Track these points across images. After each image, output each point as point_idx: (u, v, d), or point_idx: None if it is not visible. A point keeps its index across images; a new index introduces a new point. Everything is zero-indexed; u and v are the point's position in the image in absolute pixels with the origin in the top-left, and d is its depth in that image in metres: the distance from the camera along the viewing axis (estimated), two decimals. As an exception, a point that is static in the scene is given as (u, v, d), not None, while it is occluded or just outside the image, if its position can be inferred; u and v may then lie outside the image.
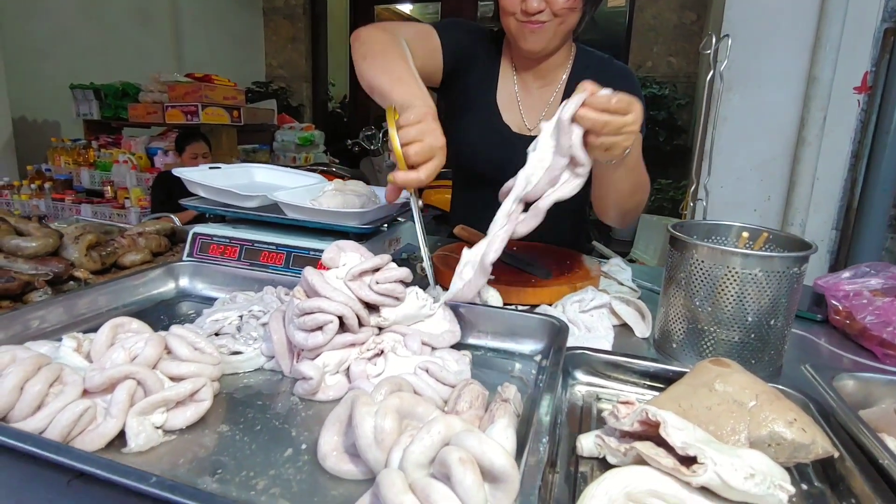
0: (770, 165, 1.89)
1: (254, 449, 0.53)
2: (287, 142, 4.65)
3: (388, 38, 0.94)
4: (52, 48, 3.98)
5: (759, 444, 0.51)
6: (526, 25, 0.99)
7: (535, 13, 0.96)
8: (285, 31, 5.94)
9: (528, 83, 1.15)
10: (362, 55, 0.92)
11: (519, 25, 1.00)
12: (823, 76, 1.72)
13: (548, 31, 0.99)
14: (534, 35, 1.00)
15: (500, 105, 1.16)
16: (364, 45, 0.94)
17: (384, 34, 0.96)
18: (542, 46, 1.02)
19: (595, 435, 0.55)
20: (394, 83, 0.84)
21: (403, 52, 0.93)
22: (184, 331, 0.62)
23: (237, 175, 1.16)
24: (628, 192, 0.94)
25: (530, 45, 1.02)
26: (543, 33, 0.99)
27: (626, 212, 1.02)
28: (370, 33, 0.96)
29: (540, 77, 1.13)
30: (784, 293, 0.69)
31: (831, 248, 1.88)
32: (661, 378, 0.67)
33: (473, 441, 0.42)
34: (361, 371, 0.63)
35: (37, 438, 0.47)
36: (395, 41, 0.95)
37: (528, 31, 0.99)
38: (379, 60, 0.89)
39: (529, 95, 1.15)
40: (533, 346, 0.76)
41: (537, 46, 1.02)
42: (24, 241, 0.87)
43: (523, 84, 1.15)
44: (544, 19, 0.98)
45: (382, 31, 0.97)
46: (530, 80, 1.14)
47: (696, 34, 4.47)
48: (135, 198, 3.50)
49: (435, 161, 0.73)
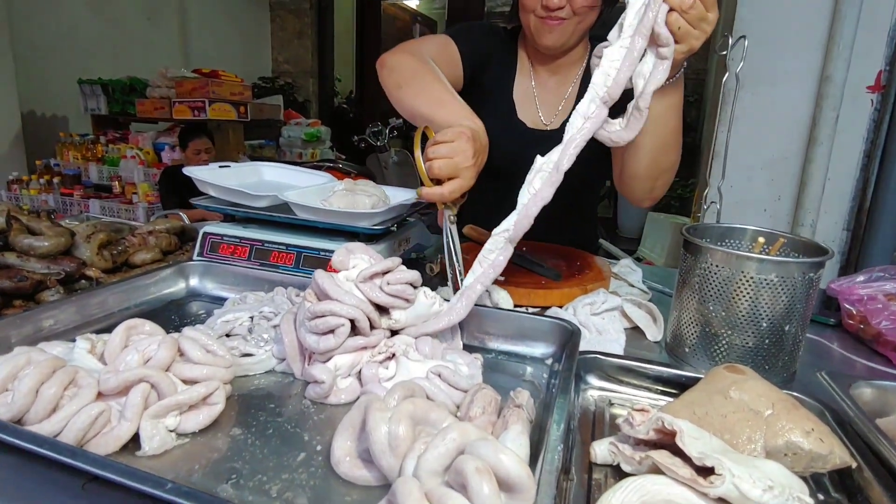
0: (781, 165, 1.87)
1: (266, 453, 0.53)
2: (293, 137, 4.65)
3: (417, 62, 0.94)
4: (61, 44, 3.99)
5: (776, 453, 0.51)
6: (545, 22, 0.99)
7: (555, 9, 0.96)
8: (291, 26, 5.93)
9: (545, 79, 1.15)
10: (396, 84, 0.92)
11: (538, 22, 1.00)
12: (837, 75, 1.69)
13: (567, 29, 1.00)
14: (552, 32, 1.00)
15: (517, 100, 1.16)
16: (395, 73, 0.94)
17: (412, 58, 0.95)
18: (562, 43, 1.02)
19: (609, 442, 0.54)
20: (435, 107, 0.86)
21: (436, 73, 0.93)
22: (196, 333, 0.62)
23: (247, 174, 1.16)
24: (669, 141, 0.88)
25: (549, 42, 1.02)
26: (563, 30, 1.00)
27: (659, 173, 0.94)
28: (398, 59, 0.96)
29: (556, 73, 1.14)
30: (799, 299, 0.69)
31: (842, 249, 1.86)
32: (674, 383, 0.67)
33: (489, 450, 0.42)
34: (373, 374, 0.63)
35: (52, 442, 0.47)
36: (424, 63, 0.95)
37: (548, 28, 0.99)
38: (415, 87, 0.90)
39: (546, 91, 1.16)
40: (544, 350, 0.76)
41: (556, 43, 1.02)
42: (36, 241, 0.87)
43: (539, 80, 1.16)
44: (564, 16, 0.98)
45: (409, 55, 0.97)
46: (546, 75, 1.15)
47: (705, 31, 4.42)
48: (142, 193, 3.52)
49: (459, 180, 0.74)
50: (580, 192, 1.24)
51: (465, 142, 0.75)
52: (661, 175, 0.95)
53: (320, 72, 6.09)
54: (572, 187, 0.81)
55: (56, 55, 3.96)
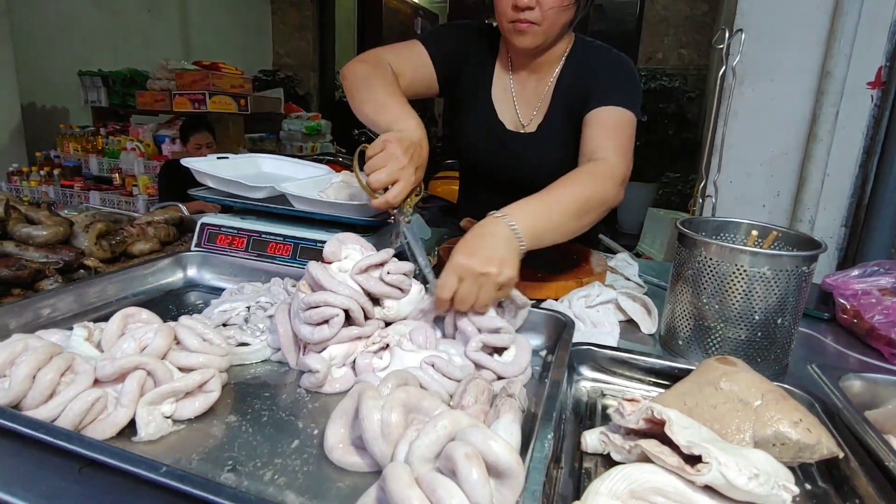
0: (780, 161, 1.87)
1: (260, 440, 0.53)
2: (294, 131, 4.64)
3: (369, 69, 0.98)
4: (61, 35, 3.97)
5: (764, 443, 0.51)
6: (517, 25, 0.98)
7: (524, 8, 0.95)
8: (292, 19, 5.91)
9: (524, 78, 1.15)
10: (349, 92, 0.97)
11: (510, 26, 1.00)
12: (837, 71, 1.69)
13: (539, 31, 0.99)
14: (524, 35, 0.99)
15: (496, 100, 1.16)
16: (349, 82, 0.98)
17: (365, 66, 1.00)
18: (536, 45, 1.02)
19: (600, 432, 0.55)
20: (378, 111, 0.90)
21: (386, 77, 0.97)
22: (193, 322, 0.62)
23: (245, 165, 1.16)
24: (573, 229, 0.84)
25: (522, 45, 1.01)
26: (534, 33, 0.99)
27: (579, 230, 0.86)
28: (353, 69, 1.00)
29: (535, 71, 1.13)
30: (792, 292, 0.69)
31: (840, 245, 1.86)
32: (666, 375, 0.68)
33: (479, 437, 0.42)
34: (367, 364, 0.64)
35: (49, 426, 0.47)
36: (377, 69, 0.99)
37: (519, 31, 0.99)
38: (364, 94, 0.94)
39: (524, 89, 1.15)
40: (538, 341, 0.76)
41: (531, 45, 1.02)
42: (35, 230, 0.88)
43: (518, 79, 1.15)
44: (534, 19, 0.97)
45: (364, 62, 1.01)
46: (525, 74, 1.14)
47: (707, 26, 4.41)
48: (142, 185, 3.51)
49: (400, 183, 0.77)
50: None
51: (395, 146, 0.77)
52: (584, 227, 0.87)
53: (321, 65, 6.07)
54: None
55: (56, 47, 3.95)
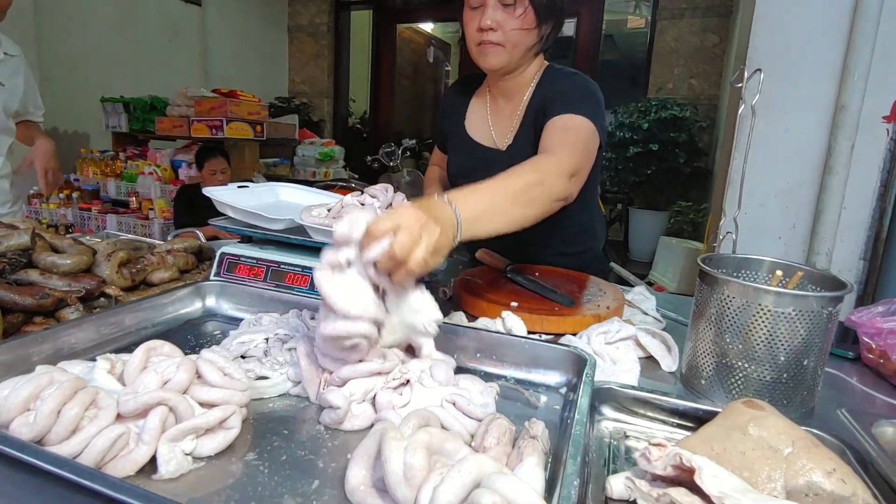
0: (795, 192, 1.86)
1: (279, 480, 0.53)
2: (307, 157, 4.70)
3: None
4: (86, 62, 4.10)
5: (797, 493, 0.50)
6: (482, 48, 1.08)
7: (486, 29, 1.05)
8: (309, 48, 6.06)
9: (498, 102, 1.25)
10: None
11: (477, 49, 1.10)
12: (851, 105, 1.69)
13: (502, 52, 1.08)
14: (488, 56, 1.09)
15: (470, 128, 1.29)
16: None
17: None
18: (502, 65, 1.10)
19: (625, 476, 0.54)
20: None
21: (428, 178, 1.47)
22: (214, 355, 0.62)
23: (264, 194, 1.17)
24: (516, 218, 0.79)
25: (488, 64, 1.11)
26: (497, 53, 1.08)
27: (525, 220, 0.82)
28: None
29: (508, 96, 1.22)
30: (818, 333, 0.68)
31: (859, 279, 1.84)
32: (690, 417, 0.66)
33: (505, 484, 0.42)
34: (388, 401, 0.63)
35: (73, 464, 0.47)
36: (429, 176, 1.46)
37: (483, 52, 1.09)
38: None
39: (499, 112, 1.25)
40: (558, 378, 0.76)
41: (496, 65, 1.10)
42: (59, 259, 0.89)
43: (494, 103, 1.26)
44: (497, 40, 1.06)
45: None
46: (502, 100, 1.25)
47: (717, 57, 4.45)
48: (158, 209, 3.57)
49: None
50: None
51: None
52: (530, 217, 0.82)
53: (335, 92, 6.19)
54: None
55: (81, 73, 4.07)
